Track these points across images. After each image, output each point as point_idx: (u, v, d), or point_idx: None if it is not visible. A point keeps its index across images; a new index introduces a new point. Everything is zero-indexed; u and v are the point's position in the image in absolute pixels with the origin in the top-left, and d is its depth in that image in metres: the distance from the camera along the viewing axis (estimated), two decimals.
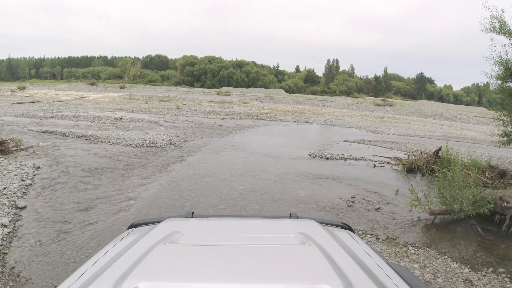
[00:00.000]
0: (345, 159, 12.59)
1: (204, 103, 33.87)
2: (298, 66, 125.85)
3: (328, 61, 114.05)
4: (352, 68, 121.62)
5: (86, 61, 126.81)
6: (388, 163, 12.31)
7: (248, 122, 22.12)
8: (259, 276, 1.20)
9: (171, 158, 10.98)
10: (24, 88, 47.10)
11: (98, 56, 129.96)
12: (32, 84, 65.66)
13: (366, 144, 16.66)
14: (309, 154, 12.90)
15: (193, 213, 2.15)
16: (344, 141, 17.12)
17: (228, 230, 1.83)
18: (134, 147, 12.45)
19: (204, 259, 1.33)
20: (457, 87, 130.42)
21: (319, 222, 1.95)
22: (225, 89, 72.74)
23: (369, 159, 12.64)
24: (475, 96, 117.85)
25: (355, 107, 43.76)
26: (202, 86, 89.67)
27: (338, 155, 13.04)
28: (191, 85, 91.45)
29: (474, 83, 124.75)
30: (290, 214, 2.16)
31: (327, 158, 12.48)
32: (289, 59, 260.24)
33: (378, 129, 23.44)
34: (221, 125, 19.63)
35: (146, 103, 31.75)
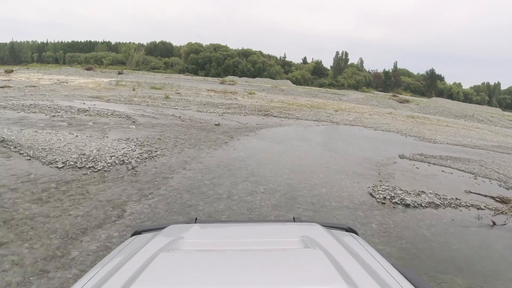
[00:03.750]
0: (436, 205, 6.86)
1: (203, 92, 27.67)
2: (305, 58, 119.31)
3: (337, 53, 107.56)
4: (361, 61, 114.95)
5: (89, 46, 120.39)
6: (503, 212, 6.84)
7: (255, 119, 16.02)
8: (264, 281, 1.14)
9: (97, 210, 5.00)
10: (11, 71, 41.72)
11: (102, 41, 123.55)
12: (28, 68, 60.31)
13: (432, 163, 11.01)
14: (371, 193, 6.96)
15: (196, 219, 2.07)
16: (400, 157, 11.23)
17: (232, 235, 1.74)
18: (60, 167, 6.81)
19: (208, 265, 1.26)
20: (466, 86, 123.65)
21: (323, 226, 1.85)
22: (229, 78, 66.60)
23: (471, 204, 7.14)
24: (485, 95, 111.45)
25: (376, 102, 37.49)
26: (206, 75, 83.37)
27: (419, 194, 7.22)
28: (195, 73, 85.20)
29: (484, 82, 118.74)
30: (293, 218, 2.08)
31: (407, 205, 6.61)
32: (296, 50, 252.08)
33: (423, 135, 17.47)
34: (218, 124, 13.55)
35: (133, 90, 25.68)
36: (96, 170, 6.86)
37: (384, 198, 6.83)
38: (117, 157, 7.71)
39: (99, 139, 9.36)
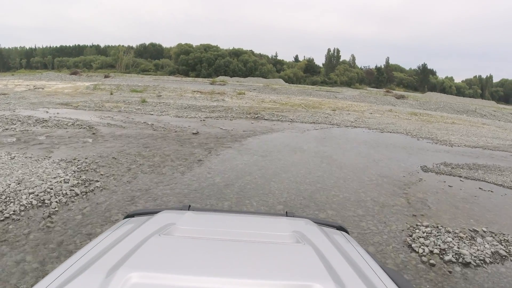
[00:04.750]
0: (502, 258, 4.66)
1: (188, 94, 24.95)
2: (297, 56, 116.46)
3: (329, 50, 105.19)
4: (353, 58, 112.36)
5: (78, 50, 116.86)
6: None
7: (242, 124, 13.51)
8: (252, 272, 1.12)
9: None
10: None
11: (91, 45, 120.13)
12: (13, 74, 57.23)
13: (463, 176, 8.66)
14: (410, 245, 4.54)
15: (189, 206, 2.02)
16: (423, 169, 8.93)
17: (224, 225, 1.71)
18: None
19: (197, 252, 1.25)
20: (458, 79, 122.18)
21: (315, 222, 1.84)
22: (220, 78, 63.95)
23: None
24: (478, 88, 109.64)
25: (373, 99, 35.03)
26: (197, 76, 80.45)
27: (473, 238, 5.05)
28: (186, 74, 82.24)
29: (476, 75, 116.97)
30: (286, 212, 2.07)
31: (467, 264, 4.19)
32: (287, 49, 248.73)
33: (435, 135, 15.11)
34: (196, 133, 11.03)
35: (111, 94, 23.07)
36: (1, 218, 4.44)
37: (431, 253, 4.38)
38: (37, 195, 5.24)
39: (36, 162, 6.96)
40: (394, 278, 1.30)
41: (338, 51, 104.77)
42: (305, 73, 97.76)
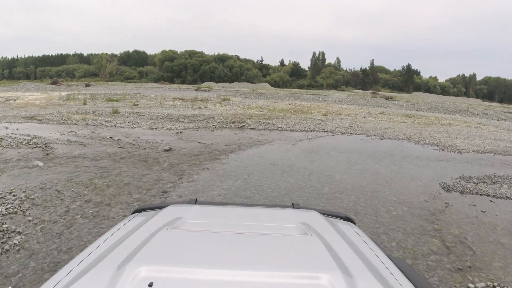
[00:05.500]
0: None
1: (168, 101, 22.92)
2: (282, 60, 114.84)
3: (314, 53, 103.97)
4: (338, 61, 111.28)
5: (61, 59, 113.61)
6: None
7: (225, 135, 11.68)
8: (260, 264, 1.11)
9: None
10: None
11: (74, 53, 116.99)
12: None
13: (491, 195, 7.12)
14: None
15: (196, 199, 1.99)
16: (444, 189, 7.34)
17: (231, 217, 1.69)
18: None
19: (205, 245, 1.24)
20: (442, 79, 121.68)
21: (322, 213, 1.80)
22: (205, 84, 62.02)
23: None
24: (462, 87, 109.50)
25: (364, 102, 33.47)
26: (183, 82, 78.13)
27: None
28: (171, 81, 79.88)
29: (459, 74, 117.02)
30: (292, 204, 2.01)
31: None
32: (273, 53, 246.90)
33: (439, 140, 13.58)
34: (169, 149, 9.18)
35: (84, 104, 21.03)
36: None
37: None
38: None
39: None
40: (402, 268, 1.28)
41: (323, 54, 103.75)
42: (291, 77, 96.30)
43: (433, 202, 6.26)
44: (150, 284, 0.97)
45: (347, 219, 1.88)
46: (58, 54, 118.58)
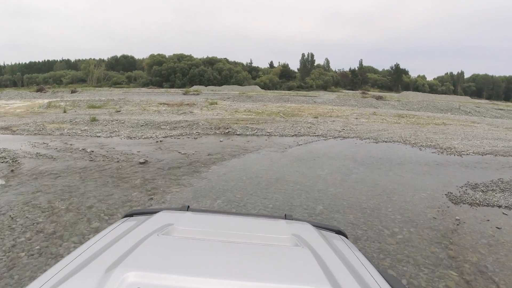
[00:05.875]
0: None
1: (153, 107, 21.88)
2: (272, 62, 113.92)
3: (303, 55, 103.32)
4: (327, 62, 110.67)
5: (48, 66, 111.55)
6: None
7: (209, 143, 10.75)
8: (249, 274, 1.09)
9: None
10: None
11: (61, 59, 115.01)
12: None
13: (503, 206, 6.42)
14: None
15: (188, 206, 1.95)
16: (452, 200, 6.55)
17: (222, 226, 1.64)
18: None
19: (196, 253, 1.22)
20: (430, 77, 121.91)
21: (314, 226, 1.78)
22: (194, 88, 60.85)
23: None
24: (450, 85, 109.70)
25: (354, 102, 32.74)
26: (172, 86, 76.73)
27: None
28: (160, 85, 78.42)
29: (447, 72, 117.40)
30: (285, 215, 1.97)
31: None
32: (262, 55, 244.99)
33: (436, 142, 12.88)
34: (144, 162, 8.22)
35: (64, 112, 19.95)
36: None
37: None
38: None
39: None
40: (392, 283, 1.26)
41: (312, 55, 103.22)
42: (281, 78, 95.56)
43: (442, 219, 5.42)
44: None
45: (339, 232, 1.87)
46: (45, 60, 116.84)
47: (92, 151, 9.43)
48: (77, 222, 4.96)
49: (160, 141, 10.78)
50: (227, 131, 12.72)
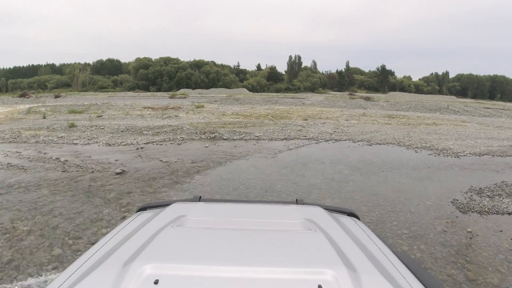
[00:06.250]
0: None
1: (137, 111, 21.03)
2: (259, 64, 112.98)
3: (290, 57, 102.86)
4: (315, 64, 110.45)
5: (32, 71, 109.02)
6: None
7: (194, 149, 10.03)
8: (265, 260, 1.09)
9: None
10: None
11: (45, 64, 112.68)
12: None
13: None
14: None
15: (200, 197, 2.01)
16: (460, 209, 6.01)
17: (235, 214, 1.66)
18: None
19: (210, 242, 1.22)
20: (415, 78, 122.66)
21: (325, 209, 1.78)
22: (181, 91, 59.98)
23: None
24: (435, 85, 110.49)
25: (343, 103, 32.28)
26: (158, 90, 75.49)
27: None
28: (146, 89, 77.06)
29: (432, 73, 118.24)
30: (296, 199, 2.02)
31: None
32: (249, 58, 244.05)
33: (430, 143, 12.43)
34: (121, 172, 7.47)
35: (44, 118, 18.99)
36: None
37: None
38: None
39: None
40: (407, 262, 1.25)
41: (299, 57, 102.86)
42: (269, 81, 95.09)
43: (453, 233, 4.82)
44: (156, 282, 0.96)
45: (351, 214, 1.84)
46: (29, 65, 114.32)
47: (66, 161, 8.65)
48: (37, 248, 4.24)
49: (141, 148, 10.01)
50: (213, 136, 11.99)
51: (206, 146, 10.32)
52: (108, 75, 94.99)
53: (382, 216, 5.26)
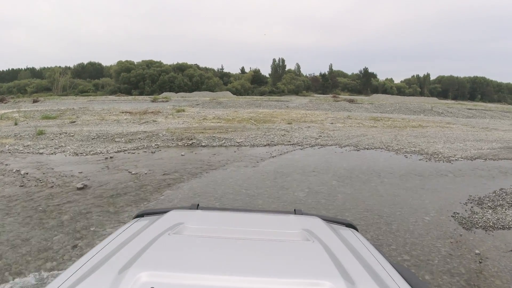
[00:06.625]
0: None
1: (113, 116, 19.96)
2: (243, 67, 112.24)
3: (274, 60, 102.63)
4: (298, 66, 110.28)
5: (12, 75, 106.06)
6: None
7: (168, 158, 9.18)
8: (261, 270, 1.07)
9: None
10: None
11: (25, 68, 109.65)
12: None
13: None
14: None
15: (198, 204, 1.89)
16: (463, 225, 5.32)
17: (232, 223, 1.61)
18: None
19: (207, 251, 1.21)
20: (397, 80, 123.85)
21: (324, 219, 1.73)
22: (164, 95, 58.72)
23: None
24: (417, 87, 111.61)
25: (327, 106, 31.74)
26: (141, 93, 73.77)
27: None
28: (129, 92, 75.28)
29: (414, 75, 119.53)
30: (294, 210, 1.93)
31: None
32: (233, 61, 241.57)
33: (419, 147, 11.96)
34: (83, 187, 6.58)
35: (15, 124, 17.82)
36: None
37: None
38: None
39: None
40: (405, 275, 1.22)
41: (283, 60, 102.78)
42: (253, 84, 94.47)
43: (460, 256, 4.15)
44: None
45: (349, 225, 1.80)
46: (9, 69, 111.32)
47: (27, 173, 7.72)
48: None
49: (111, 157, 9.11)
50: (190, 143, 11.13)
51: (182, 155, 9.48)
52: (89, 78, 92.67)
53: (378, 238, 4.55)
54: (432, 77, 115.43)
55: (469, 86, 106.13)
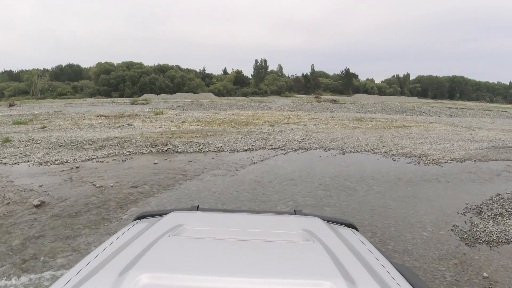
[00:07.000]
0: None
1: (87, 120, 18.81)
2: (225, 69, 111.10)
3: (256, 61, 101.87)
4: (281, 67, 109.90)
5: None
6: None
7: (139, 167, 8.39)
8: (262, 271, 1.05)
9: None
10: None
11: (3, 70, 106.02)
12: None
13: None
14: None
15: (198, 206, 1.88)
16: (465, 240, 4.67)
17: (233, 224, 1.60)
18: None
19: (207, 252, 1.18)
20: (378, 80, 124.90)
21: (324, 220, 1.70)
22: (144, 97, 57.52)
23: None
24: (397, 86, 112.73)
25: (310, 107, 31.23)
26: (121, 96, 71.99)
27: None
28: (109, 95, 73.42)
29: (394, 75, 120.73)
30: (294, 210, 1.88)
31: None
32: (215, 63, 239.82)
33: (406, 148, 11.54)
34: (39, 204, 5.76)
35: None
36: None
37: None
38: None
39: None
40: (406, 274, 1.20)
41: (265, 61, 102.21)
42: (235, 85, 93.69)
43: (467, 282, 3.60)
44: None
45: (350, 225, 1.77)
46: None
47: None
48: None
49: (76, 167, 8.26)
50: (165, 149, 10.33)
51: (155, 163, 8.69)
52: (68, 81, 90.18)
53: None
54: (412, 77, 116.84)
55: (448, 85, 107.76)
